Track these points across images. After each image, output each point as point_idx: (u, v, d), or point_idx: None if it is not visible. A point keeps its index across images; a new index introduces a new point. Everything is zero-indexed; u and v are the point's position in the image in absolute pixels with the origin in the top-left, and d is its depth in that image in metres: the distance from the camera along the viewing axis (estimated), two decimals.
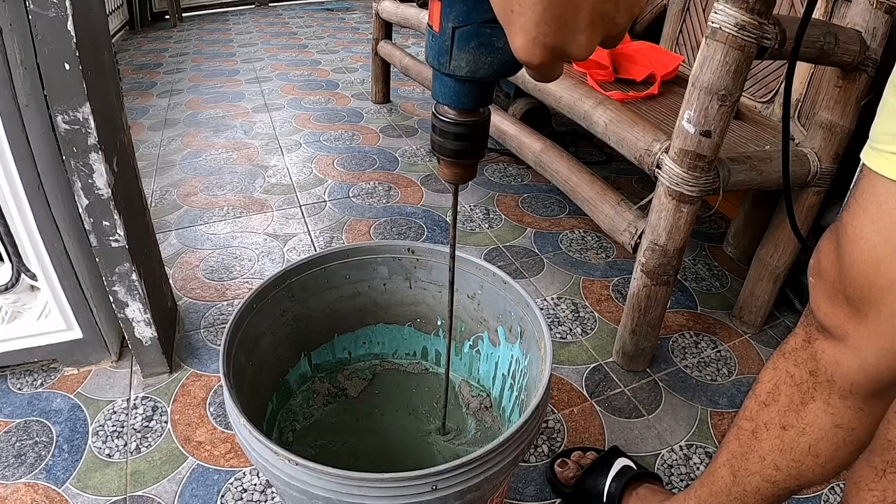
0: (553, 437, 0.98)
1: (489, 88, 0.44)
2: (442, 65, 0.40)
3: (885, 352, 0.46)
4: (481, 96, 0.44)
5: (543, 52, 0.30)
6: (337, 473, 0.50)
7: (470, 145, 0.47)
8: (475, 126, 0.46)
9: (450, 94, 0.43)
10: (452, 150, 0.47)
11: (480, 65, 0.39)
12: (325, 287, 0.81)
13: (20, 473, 0.89)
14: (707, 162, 0.88)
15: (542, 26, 0.29)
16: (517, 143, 1.38)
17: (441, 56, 0.40)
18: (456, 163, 0.49)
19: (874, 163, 0.44)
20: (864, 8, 0.91)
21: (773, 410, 0.57)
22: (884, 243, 0.43)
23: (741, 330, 1.24)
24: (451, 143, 0.46)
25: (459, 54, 0.39)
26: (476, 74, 0.40)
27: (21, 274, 0.95)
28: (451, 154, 0.47)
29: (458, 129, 0.45)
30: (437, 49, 0.40)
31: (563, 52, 0.31)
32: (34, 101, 0.79)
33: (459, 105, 0.44)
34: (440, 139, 0.47)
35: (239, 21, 3.97)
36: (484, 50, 0.38)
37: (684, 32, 1.51)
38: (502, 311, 0.79)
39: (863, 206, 0.45)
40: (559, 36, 0.30)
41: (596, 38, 0.30)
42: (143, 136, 2.09)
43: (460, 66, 0.39)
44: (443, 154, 0.48)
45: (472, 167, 0.50)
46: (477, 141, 0.47)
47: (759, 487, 0.59)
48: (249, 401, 0.71)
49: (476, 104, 0.44)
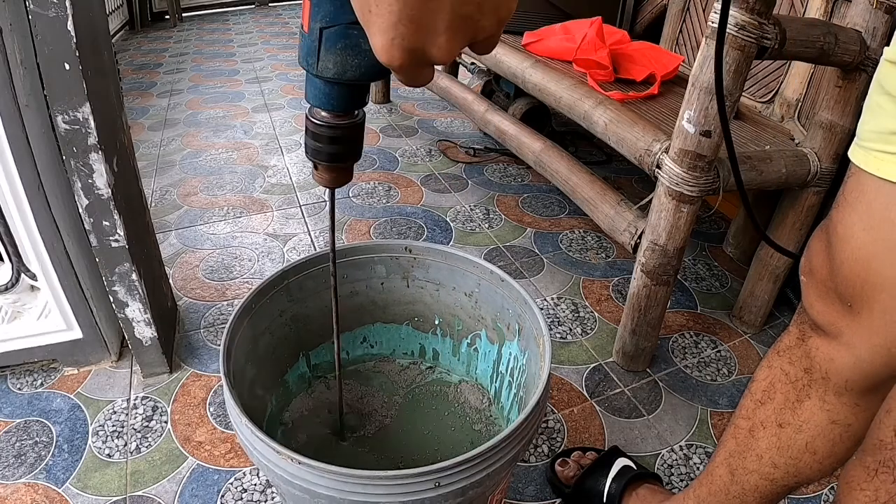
0: (553, 437, 0.98)
1: (362, 90, 0.43)
2: (311, 66, 0.39)
3: (878, 348, 0.46)
4: (353, 98, 0.43)
5: (403, 54, 0.30)
6: (340, 471, 0.50)
7: (344, 148, 0.46)
8: (348, 129, 0.45)
9: (320, 97, 0.42)
10: (326, 153, 0.46)
11: (348, 67, 0.38)
12: (324, 287, 0.81)
13: (20, 473, 0.89)
14: (707, 162, 0.88)
15: (400, 27, 0.29)
16: (517, 143, 1.38)
17: (309, 57, 0.39)
18: (331, 167, 0.47)
19: (861, 161, 0.44)
20: (864, 8, 0.91)
21: (770, 408, 0.57)
22: (873, 241, 0.44)
23: (741, 330, 1.24)
24: (324, 146, 0.45)
25: (327, 56, 0.38)
26: (343, 76, 0.39)
27: (21, 274, 0.95)
28: (325, 157, 0.46)
29: (331, 132, 0.44)
30: (306, 50, 0.39)
31: (423, 55, 0.30)
32: (34, 101, 0.79)
33: (330, 107, 0.43)
34: (314, 143, 0.45)
35: (239, 21, 3.97)
36: (351, 52, 0.38)
37: (684, 32, 1.51)
38: (500, 309, 0.79)
39: (852, 205, 0.45)
40: (418, 38, 0.29)
41: (458, 40, 0.30)
42: (143, 136, 2.09)
43: (328, 67, 0.39)
44: (317, 158, 0.46)
45: (347, 171, 0.49)
46: (351, 143, 0.46)
47: (758, 485, 0.59)
48: (249, 401, 0.71)
49: (348, 106, 0.43)
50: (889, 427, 0.43)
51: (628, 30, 1.68)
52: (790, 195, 1.09)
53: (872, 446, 0.45)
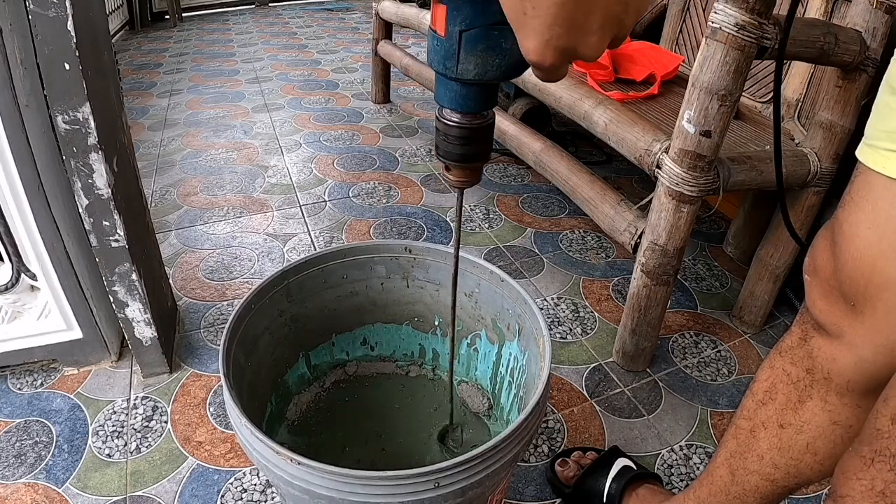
0: (553, 437, 0.98)
1: (494, 90, 0.44)
2: (448, 69, 0.40)
3: (881, 348, 0.46)
4: (487, 99, 0.44)
5: (555, 54, 0.30)
6: (340, 472, 0.50)
7: (475, 148, 0.46)
8: (481, 129, 0.45)
9: (455, 98, 0.43)
10: (458, 154, 0.46)
11: (489, 67, 0.39)
12: (323, 287, 0.81)
13: (20, 473, 0.89)
14: (707, 162, 0.88)
15: (556, 28, 0.29)
16: (517, 143, 1.38)
17: (447, 60, 0.39)
18: (462, 167, 0.48)
19: (869, 160, 0.44)
20: (864, 8, 0.91)
21: (771, 409, 0.57)
22: (879, 240, 0.43)
23: (741, 330, 1.24)
24: (456, 146, 0.46)
25: (467, 58, 0.38)
26: (484, 77, 0.39)
27: (21, 274, 0.95)
28: (457, 158, 0.47)
29: (463, 132, 0.45)
30: (443, 53, 0.39)
31: (574, 54, 0.31)
32: (34, 101, 0.79)
33: (465, 108, 0.44)
34: (445, 143, 0.46)
35: (239, 21, 3.97)
36: (492, 53, 0.38)
37: (684, 32, 1.51)
38: (500, 309, 0.79)
39: (858, 204, 0.45)
40: (571, 38, 0.30)
41: (606, 38, 0.30)
42: (143, 136, 2.09)
43: (468, 69, 0.39)
44: (448, 158, 0.47)
45: (477, 171, 0.50)
46: (482, 144, 0.47)
47: (758, 486, 0.59)
48: (249, 401, 0.71)
49: (482, 107, 0.44)
50: (886, 416, 0.42)
51: None
52: (790, 195, 1.09)
53: (869, 435, 0.45)
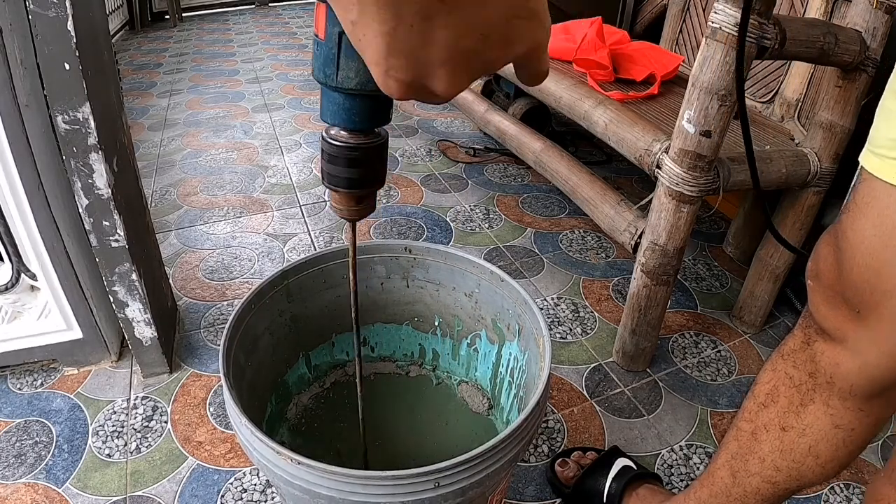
0: (553, 437, 0.98)
1: (384, 105, 0.39)
2: (329, 77, 0.36)
3: (885, 354, 0.46)
4: (376, 113, 0.39)
5: (400, 86, 0.28)
6: (340, 472, 0.50)
7: (365, 172, 0.41)
8: (370, 149, 0.40)
9: (340, 113, 0.38)
10: (347, 178, 0.41)
11: (371, 75, 0.36)
12: (323, 287, 0.81)
13: (20, 473, 0.89)
14: (707, 162, 0.88)
15: (391, 60, 0.26)
16: (517, 143, 1.38)
17: (327, 67, 0.35)
18: (350, 194, 0.43)
19: (874, 167, 0.44)
20: (864, 8, 0.91)
21: (773, 412, 0.57)
22: (884, 248, 0.43)
23: (741, 330, 1.24)
24: (344, 170, 0.41)
25: (348, 63, 0.35)
26: (367, 87, 0.35)
27: (21, 274, 0.95)
28: (344, 184, 0.41)
29: (351, 153, 0.40)
30: (323, 59, 0.35)
31: (423, 86, 0.28)
32: (34, 101, 0.79)
33: (352, 125, 0.39)
34: (331, 166, 0.41)
35: (239, 21, 3.97)
36: None
37: (684, 32, 1.51)
38: (500, 309, 0.79)
39: (863, 210, 0.45)
40: (413, 72, 0.27)
41: (461, 75, 0.27)
42: (143, 136, 2.09)
43: (349, 77, 0.35)
44: (334, 184, 0.42)
45: (369, 198, 0.44)
46: (373, 167, 0.41)
47: (759, 488, 0.59)
48: (249, 401, 0.71)
49: (370, 123, 0.39)
50: None
51: (628, 30, 1.68)
52: (790, 195, 1.09)
53: None
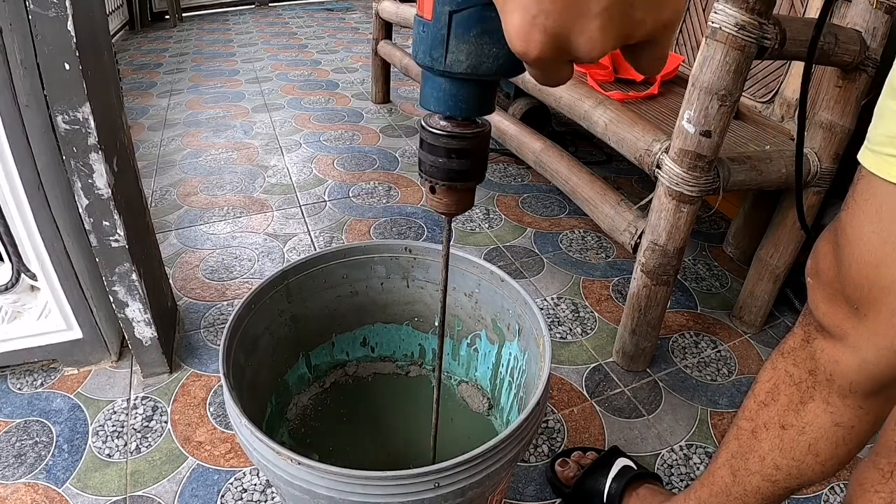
0: (553, 437, 0.98)
1: (491, 92, 0.36)
2: (436, 60, 0.33)
3: (884, 351, 0.46)
4: (483, 100, 0.36)
5: (543, 38, 0.25)
6: (340, 472, 0.50)
7: (467, 164, 0.38)
8: (475, 139, 0.37)
9: (446, 99, 0.35)
10: (448, 170, 0.38)
11: (483, 58, 0.32)
12: (323, 287, 0.81)
13: (20, 473, 0.89)
14: (707, 162, 0.88)
15: (545, 3, 0.24)
16: (517, 143, 1.38)
17: (434, 50, 0.32)
18: (451, 188, 0.40)
19: (872, 165, 0.44)
20: (864, 8, 0.91)
21: (773, 410, 0.57)
22: (883, 244, 0.43)
23: (741, 330, 1.24)
24: (446, 161, 0.38)
25: (458, 45, 0.32)
26: (478, 70, 0.32)
27: (21, 274, 0.95)
28: (446, 176, 0.39)
29: (456, 143, 0.37)
30: (430, 41, 0.32)
31: (567, 44, 0.25)
32: (34, 101, 0.79)
33: (456, 112, 0.36)
34: (432, 158, 0.38)
35: (239, 21, 3.97)
36: (488, 38, 0.31)
37: (684, 32, 1.51)
38: (500, 309, 0.79)
39: (862, 208, 0.45)
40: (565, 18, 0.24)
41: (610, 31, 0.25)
42: (143, 136, 2.09)
43: (459, 60, 0.32)
44: (435, 177, 0.39)
45: (469, 194, 0.41)
46: (476, 159, 0.39)
47: (760, 487, 0.59)
48: (249, 401, 0.71)
49: (476, 111, 0.36)
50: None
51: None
52: (790, 195, 1.09)
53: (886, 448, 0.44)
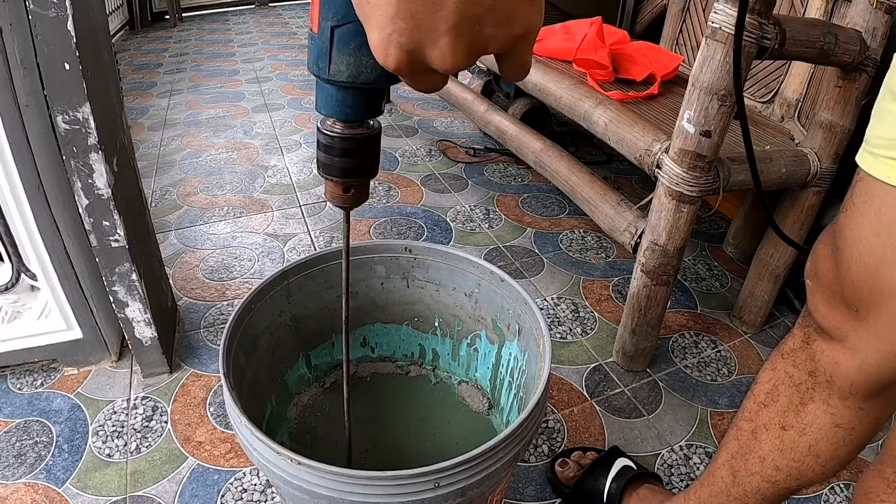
0: (553, 437, 0.98)
1: (377, 97, 0.41)
2: (321, 70, 0.37)
3: (884, 353, 0.46)
4: (368, 105, 0.40)
5: (399, 53, 0.28)
6: (340, 472, 0.50)
7: (358, 162, 0.43)
8: (363, 140, 0.42)
9: (332, 104, 0.40)
10: (340, 168, 0.43)
11: (362, 68, 0.36)
12: (323, 287, 0.81)
13: (20, 473, 0.89)
14: (707, 162, 0.88)
15: (397, 22, 0.27)
16: (517, 143, 1.38)
17: (320, 60, 0.37)
18: (344, 183, 0.44)
19: (871, 167, 0.44)
20: (864, 8, 0.91)
21: (773, 411, 0.57)
22: (882, 246, 0.43)
23: (741, 330, 1.24)
24: (338, 160, 0.43)
25: (339, 57, 0.36)
26: (358, 80, 0.37)
27: (21, 274, 0.95)
28: (339, 173, 0.43)
29: (344, 143, 0.42)
30: (316, 52, 0.37)
31: (422, 57, 0.28)
32: (34, 101, 0.79)
33: (344, 116, 0.41)
34: (325, 156, 0.43)
35: (239, 21, 3.97)
36: (366, 51, 0.35)
37: (684, 32, 1.51)
38: (500, 309, 0.79)
39: (860, 210, 0.45)
40: (415, 36, 0.27)
41: (460, 47, 0.27)
42: (143, 136, 2.09)
43: (340, 70, 0.36)
44: (329, 173, 0.44)
45: (362, 187, 0.46)
46: (367, 157, 0.43)
47: (760, 488, 0.59)
48: (249, 401, 0.71)
49: (362, 114, 0.41)
50: None
51: (628, 30, 1.68)
52: (790, 195, 1.09)
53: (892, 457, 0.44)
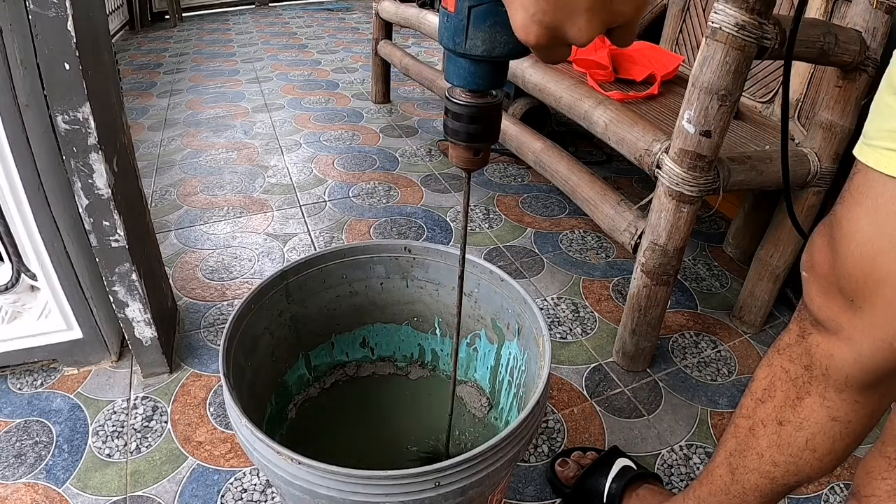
0: (553, 437, 0.98)
1: (503, 69, 0.45)
2: (457, 45, 0.41)
3: (880, 343, 0.46)
4: (495, 77, 0.44)
5: (540, 30, 0.31)
6: (340, 472, 0.50)
7: (483, 128, 0.47)
8: (489, 108, 0.46)
9: (464, 76, 0.44)
10: (466, 133, 0.47)
11: (496, 44, 0.40)
12: (323, 287, 0.81)
13: (20, 473, 0.89)
14: (707, 162, 0.88)
15: (541, 3, 0.30)
16: (517, 143, 1.38)
17: (457, 36, 0.40)
18: (469, 147, 0.49)
19: (869, 159, 0.44)
20: (864, 8, 0.91)
21: (770, 407, 0.57)
22: (879, 236, 0.44)
23: (741, 330, 1.24)
24: (464, 126, 0.47)
25: (475, 33, 0.40)
26: (492, 53, 0.40)
27: (21, 274, 0.95)
28: (465, 138, 0.48)
29: (471, 111, 0.46)
30: (453, 29, 0.40)
31: (561, 34, 0.31)
32: (34, 101, 0.79)
33: (474, 86, 0.44)
34: (454, 122, 0.47)
35: (239, 21, 3.97)
36: (500, 28, 0.39)
37: (684, 32, 1.51)
38: (499, 309, 0.79)
39: (858, 201, 0.45)
40: (557, 14, 0.30)
41: (596, 22, 0.30)
42: (143, 136, 2.09)
43: (476, 45, 0.40)
44: (456, 138, 0.48)
45: (484, 152, 0.50)
46: (490, 123, 0.47)
47: (758, 484, 0.59)
48: (249, 401, 0.71)
49: (490, 84, 0.45)
50: None
51: None
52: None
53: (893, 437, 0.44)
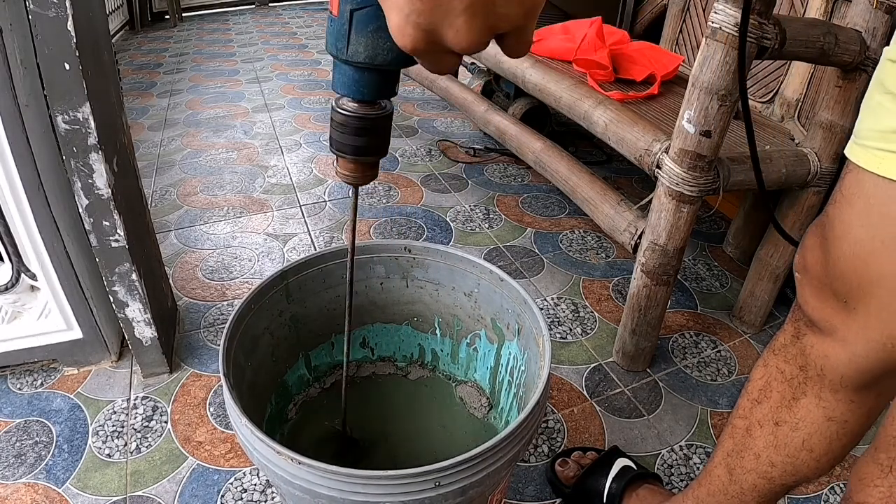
0: (553, 437, 0.98)
1: (391, 78, 0.42)
2: (340, 51, 0.39)
3: (874, 343, 0.46)
4: (383, 86, 0.42)
5: (416, 33, 0.29)
6: (340, 472, 0.50)
7: (371, 141, 0.45)
8: (376, 119, 0.44)
9: (349, 84, 0.41)
10: (352, 146, 0.45)
11: (379, 50, 0.38)
12: (323, 287, 0.81)
13: (20, 473, 0.89)
14: (707, 162, 0.88)
15: (416, 3, 0.28)
16: (517, 143, 1.38)
17: (339, 41, 0.38)
18: (356, 161, 0.46)
19: (861, 159, 0.44)
20: (864, 8, 0.91)
21: (766, 407, 0.57)
22: (871, 238, 0.44)
23: (741, 330, 1.24)
24: (350, 138, 0.44)
25: (357, 39, 0.37)
26: (374, 61, 0.38)
27: (21, 274, 0.95)
28: (351, 150, 0.45)
29: (358, 122, 0.43)
30: (335, 34, 0.38)
31: (439, 37, 0.29)
32: (34, 101, 0.79)
33: (359, 95, 0.42)
34: (339, 134, 0.44)
35: (239, 21, 3.97)
36: (383, 34, 0.37)
37: (684, 32, 1.51)
38: (499, 309, 0.79)
39: (850, 201, 0.45)
40: (433, 16, 0.28)
41: (477, 25, 0.28)
42: (143, 136, 2.09)
43: (358, 51, 0.38)
44: (341, 151, 0.45)
45: (372, 166, 0.48)
46: (379, 136, 0.45)
47: (756, 484, 0.60)
48: (249, 401, 0.71)
49: (377, 94, 0.42)
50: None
51: (628, 30, 1.68)
52: (790, 195, 1.09)
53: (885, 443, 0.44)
